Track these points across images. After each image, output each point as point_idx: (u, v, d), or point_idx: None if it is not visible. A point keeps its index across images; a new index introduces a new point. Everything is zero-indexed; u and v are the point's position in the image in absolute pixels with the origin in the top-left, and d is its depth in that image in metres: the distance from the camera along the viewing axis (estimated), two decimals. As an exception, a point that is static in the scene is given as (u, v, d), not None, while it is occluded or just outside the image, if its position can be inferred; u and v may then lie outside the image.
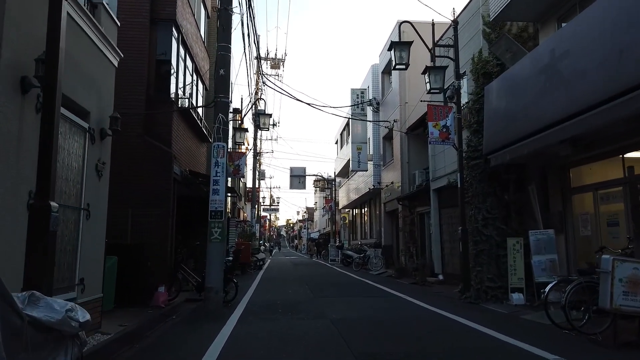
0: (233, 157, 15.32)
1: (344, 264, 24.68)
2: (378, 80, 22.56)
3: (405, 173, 17.96)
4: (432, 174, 14.02)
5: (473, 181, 10.39)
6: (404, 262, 16.95)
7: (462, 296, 9.92)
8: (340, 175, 36.12)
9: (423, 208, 16.01)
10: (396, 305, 9.21)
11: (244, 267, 19.17)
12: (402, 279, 15.52)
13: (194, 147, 12.56)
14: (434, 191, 13.98)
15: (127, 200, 9.39)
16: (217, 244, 9.05)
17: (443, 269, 13.64)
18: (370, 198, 26.51)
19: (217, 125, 9.27)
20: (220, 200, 9.20)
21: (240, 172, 15.22)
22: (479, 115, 10.48)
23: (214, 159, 9.21)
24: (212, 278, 8.90)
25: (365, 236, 28.78)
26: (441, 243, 13.76)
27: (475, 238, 10.15)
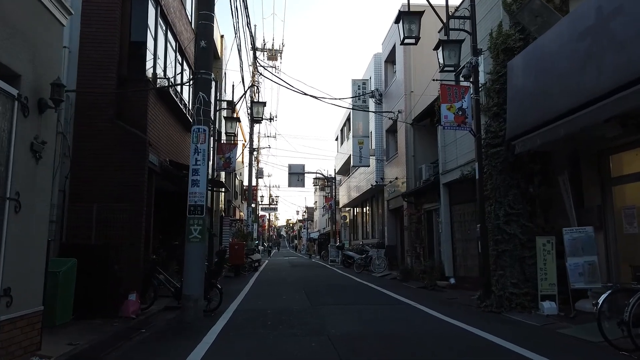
0: (223, 149, 14.02)
1: (345, 265, 23.38)
2: (381, 70, 21.25)
3: (411, 168, 16.64)
4: (442, 167, 12.70)
5: (493, 172, 9.07)
6: (410, 263, 15.64)
7: (481, 304, 8.60)
8: (340, 173, 34.80)
9: (431, 205, 14.69)
10: (406, 316, 7.89)
11: (237, 269, 17.87)
12: (409, 282, 14.20)
13: (178, 136, 11.26)
14: (445, 186, 12.66)
15: (92, 194, 8.09)
16: (197, 244, 7.73)
17: (455, 272, 12.32)
18: (372, 196, 25.20)
19: (197, 106, 7.96)
20: (200, 194, 7.89)
21: (231, 165, 13.93)
22: (499, 97, 9.17)
23: (193, 145, 7.90)
24: (191, 284, 7.59)
25: (366, 236, 27.46)
26: (452, 243, 12.45)
27: (496, 237, 8.84)
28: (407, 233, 16.60)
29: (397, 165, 18.21)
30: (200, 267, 7.80)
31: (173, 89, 10.28)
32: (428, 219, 15.11)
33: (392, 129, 19.63)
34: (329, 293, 11.45)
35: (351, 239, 32.95)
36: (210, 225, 13.46)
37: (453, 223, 12.47)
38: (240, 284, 13.96)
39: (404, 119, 17.04)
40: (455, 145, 11.96)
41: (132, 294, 7.78)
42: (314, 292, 11.69)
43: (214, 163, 13.76)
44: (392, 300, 9.93)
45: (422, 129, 16.67)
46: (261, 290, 12.46)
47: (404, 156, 17.19)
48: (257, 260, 20.23)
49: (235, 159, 13.99)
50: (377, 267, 18.75)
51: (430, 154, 16.40)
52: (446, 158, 12.60)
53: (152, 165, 9.00)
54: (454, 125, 8.95)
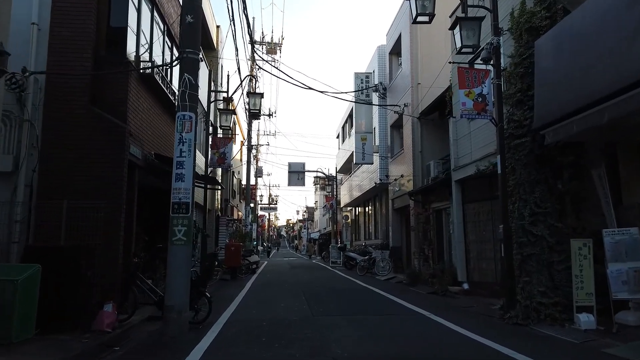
0: (218, 144, 13.04)
1: (347, 267, 22.40)
2: (385, 63, 20.27)
3: (418, 164, 15.66)
4: (455, 162, 11.72)
5: (516, 166, 8.09)
6: (417, 266, 14.66)
7: (504, 315, 7.61)
8: (342, 172, 33.82)
9: (440, 204, 13.71)
10: (422, 330, 6.91)
11: (234, 271, 16.89)
12: (417, 287, 13.21)
13: (165, 127, 10.27)
14: (457, 182, 11.67)
15: (63, 189, 7.12)
16: (181, 247, 6.75)
17: (468, 276, 11.33)
18: (375, 195, 24.22)
19: (182, 90, 6.97)
20: (185, 190, 6.92)
21: (226, 161, 12.95)
22: (523, 82, 8.19)
23: (178, 134, 6.92)
24: (174, 293, 6.61)
25: (369, 236, 26.48)
26: (465, 245, 11.46)
27: (521, 239, 7.86)
28: (413, 234, 15.62)
29: (403, 162, 17.23)
30: (185, 273, 6.82)
31: (160, 75, 9.29)
32: (437, 219, 14.12)
33: (397, 124, 18.64)
34: (331, 299, 10.47)
35: (353, 240, 31.98)
36: (204, 225, 12.47)
37: (466, 223, 11.48)
38: (236, 288, 12.98)
39: (411, 112, 16.06)
40: (469, 138, 10.97)
41: (107, 304, 6.81)
42: (315, 297, 10.72)
43: (208, 159, 12.79)
44: (402, 309, 8.94)
45: (430, 123, 15.68)
46: (257, 295, 11.48)
47: (410, 152, 16.21)
48: (255, 262, 19.25)
49: (230, 154, 13.02)
50: (381, 270, 17.76)
51: (438, 149, 15.42)
52: (459, 153, 11.61)
53: (133, 158, 8.02)
54: (473, 114, 7.95)
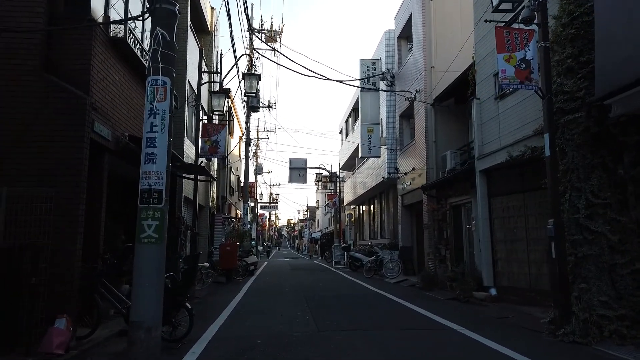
0: (209, 131, 11.58)
1: (352, 269, 20.97)
2: (393, 48, 18.79)
3: (432, 156, 14.19)
4: (479, 150, 10.24)
5: (567, 148, 6.62)
6: (433, 268, 13.19)
7: (557, 330, 6.14)
8: (345, 169, 32.35)
9: (459, 198, 12.24)
10: (458, 353, 5.45)
11: (229, 274, 15.44)
12: (433, 291, 11.75)
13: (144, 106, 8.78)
14: (482, 173, 10.20)
15: (3, 173, 5.66)
16: (152, 247, 5.27)
17: (495, 281, 9.87)
18: (381, 191, 22.76)
19: (154, 48, 5.52)
20: (158, 174, 5.44)
21: (219, 150, 11.50)
22: (574, 46, 6.72)
23: (148, 104, 5.45)
24: (141, 306, 5.13)
25: (374, 236, 25.03)
26: (492, 244, 9.99)
27: (574, 236, 6.40)
28: (427, 232, 14.15)
29: (414, 154, 15.77)
30: (157, 280, 5.34)
31: (137, 44, 7.83)
32: (455, 215, 12.66)
33: (407, 113, 17.17)
34: (339, 308, 9.01)
35: (357, 239, 30.54)
36: (194, 222, 11.03)
37: (493, 219, 10.01)
38: (230, 293, 11.53)
39: (424, 99, 14.59)
40: (497, 121, 9.50)
41: (60, 319, 5.37)
42: (319, 305, 9.27)
43: (198, 148, 11.34)
44: (425, 322, 7.47)
45: (445, 110, 14.22)
46: (254, 302, 10.03)
47: (422, 143, 14.75)
48: (253, 263, 17.80)
49: (224, 142, 11.57)
50: (390, 272, 16.31)
51: (455, 139, 13.97)
52: (484, 139, 10.14)
53: (100, 139, 6.56)
54: (515, 83, 6.49)
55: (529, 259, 8.95)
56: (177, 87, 11.63)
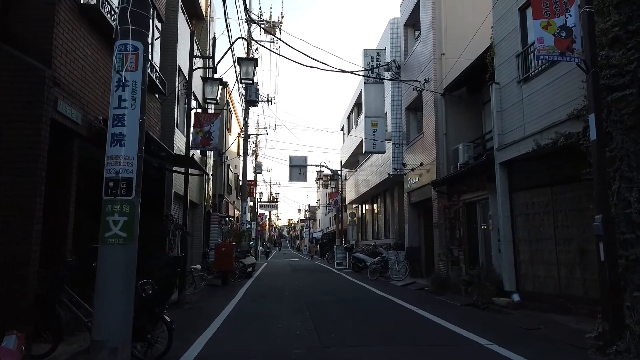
0: (201, 121, 10.60)
1: (355, 270, 20.01)
2: (399, 38, 17.79)
3: (442, 149, 13.21)
4: (499, 140, 9.24)
5: (614, 131, 5.65)
6: (444, 270, 12.20)
7: (607, 347, 5.15)
8: (346, 167, 31.36)
9: (474, 194, 11.26)
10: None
11: (225, 276, 14.47)
12: (445, 296, 10.77)
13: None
14: (503, 165, 9.20)
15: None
16: (118, 248, 4.29)
17: (518, 285, 8.87)
18: (385, 189, 21.77)
19: (123, 6, 4.53)
20: (128, 159, 4.45)
21: (212, 142, 10.51)
22: (621, 13, 5.74)
23: (116, 74, 4.47)
24: (104, 321, 4.15)
25: (378, 235, 24.04)
26: (514, 244, 8.99)
27: (624, 236, 5.44)
28: (437, 231, 13.16)
29: (422, 148, 14.78)
30: (126, 288, 4.35)
31: (112, 13, 6.84)
32: (469, 213, 11.68)
33: (414, 105, 16.18)
34: (344, 316, 8.03)
35: (359, 239, 29.55)
36: (184, 221, 10.06)
37: (515, 217, 9.02)
38: (225, 298, 10.56)
39: (433, 88, 13.60)
40: (521, 107, 8.50)
41: (9, 336, 4.41)
42: (322, 313, 8.29)
43: (189, 139, 10.36)
44: (445, 335, 6.48)
45: (456, 100, 13.23)
46: (250, 309, 9.06)
47: (432, 136, 13.76)
48: (251, 264, 16.81)
49: (217, 133, 10.57)
50: (397, 274, 15.34)
51: (467, 131, 12.99)
52: (504, 127, 9.14)
53: (67, 122, 5.59)
54: (555, 54, 5.50)
55: (557, 261, 7.97)
56: (167, 74, 10.66)
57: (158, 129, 9.69)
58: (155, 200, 9.55)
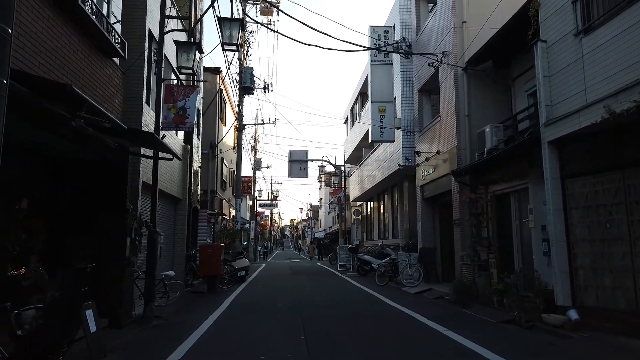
0: (175, 95, 8.66)
1: (359, 273, 18.11)
2: (410, 12, 15.81)
3: (464, 133, 11.24)
4: (547, 113, 7.25)
5: None
6: (469, 276, 10.22)
7: None
8: (350, 162, 29.41)
9: (508, 184, 9.28)
10: None
11: (212, 281, 12.58)
12: (473, 309, 8.82)
13: (63, 38, 5.86)
14: (552, 145, 7.20)
15: None
16: None
17: (575, 299, 6.89)
18: (393, 184, 19.81)
19: None
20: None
21: (187, 120, 8.57)
22: None
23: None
24: None
25: (384, 235, 22.09)
26: (568, 246, 7.01)
27: None
28: (458, 230, 11.20)
29: (439, 134, 12.81)
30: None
31: None
32: (500, 207, 9.71)
33: (428, 87, 14.21)
34: (350, 340, 6.08)
35: (364, 239, 27.60)
36: (153, 217, 8.14)
37: (569, 210, 7.04)
38: (205, 310, 8.66)
39: (453, 62, 11.62)
40: (581, 65, 6.52)
41: None
42: (322, 335, 6.38)
43: (160, 117, 8.43)
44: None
45: (481, 76, 11.27)
46: (231, 326, 7.16)
47: (451, 119, 11.79)
48: (244, 267, 14.89)
49: (195, 110, 8.63)
50: (409, 279, 13.39)
51: (493, 111, 11.06)
52: (555, 96, 7.16)
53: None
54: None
55: (633, 267, 6.00)
56: (134, 36, 8.75)
57: (117, 103, 7.75)
58: (113, 192, 7.65)
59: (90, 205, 7.47)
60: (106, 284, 7.29)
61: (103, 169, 7.55)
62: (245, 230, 37.79)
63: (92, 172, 7.49)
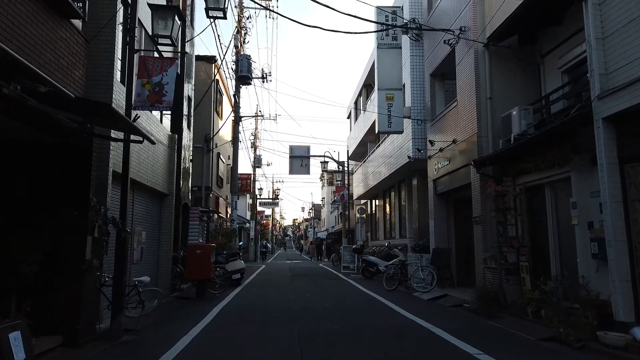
0: (150, 68, 7.33)
1: (365, 276, 16.82)
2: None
3: (486, 118, 9.89)
4: (600, 84, 5.88)
5: None
6: (494, 282, 8.85)
7: None
8: (354, 159, 28.06)
9: (542, 174, 7.91)
10: None
11: (201, 286, 11.28)
12: (503, 320, 7.47)
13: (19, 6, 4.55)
14: (608, 123, 5.84)
15: None
16: None
17: (639, 313, 5.52)
18: (400, 180, 18.47)
19: None
20: None
21: (165, 99, 7.24)
22: None
23: None
24: None
25: (390, 235, 20.73)
26: (630, 248, 5.64)
27: None
28: (479, 228, 9.83)
29: (455, 121, 11.45)
30: None
31: None
32: (533, 202, 8.34)
33: (442, 70, 12.87)
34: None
35: (368, 239, 26.27)
36: (123, 213, 6.83)
37: (630, 203, 5.67)
38: (187, 323, 7.33)
39: (473, 38, 10.26)
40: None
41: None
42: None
43: (133, 93, 7.11)
44: None
45: (505, 54, 9.92)
46: (212, 349, 5.82)
47: (470, 102, 10.42)
48: (238, 270, 13.56)
49: (173, 86, 7.31)
50: (420, 282, 12.05)
51: (519, 93, 9.71)
52: (611, 63, 5.79)
53: None
54: None
55: None
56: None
57: (78, 76, 6.43)
58: (75, 183, 6.34)
59: (47, 198, 6.17)
60: (61, 293, 5.99)
61: (65, 156, 6.26)
62: (245, 230, 36.51)
63: (51, 159, 6.19)
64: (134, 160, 9.00)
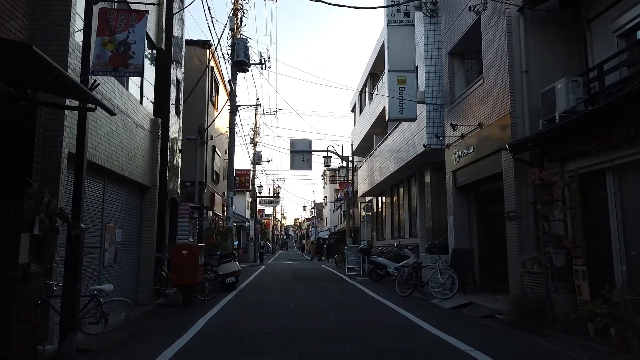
0: (112, 24, 5.83)
1: (372, 278, 15.35)
2: (435, -40, 12.93)
3: (521, 95, 8.38)
4: None
5: None
6: (536, 290, 7.31)
7: None
8: (358, 154, 26.55)
9: (602, 159, 6.38)
10: None
11: (188, 292, 9.79)
12: (553, 338, 5.96)
13: None
14: None
15: None
16: None
17: None
18: (410, 174, 16.98)
19: None
20: None
21: (132, 62, 5.77)
22: None
23: None
24: None
25: (399, 234, 19.24)
26: None
27: None
28: (513, 225, 8.30)
29: (481, 101, 9.94)
30: None
31: None
32: (587, 193, 6.81)
33: (462, 47, 11.35)
34: None
35: (373, 239, 24.78)
36: (77, 206, 5.33)
37: None
38: (160, 343, 5.80)
39: (502, 7, 8.73)
40: None
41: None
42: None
43: (91, 54, 5.62)
44: None
45: (544, 20, 8.40)
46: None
47: (501, 78, 8.90)
48: (232, 273, 12.07)
49: (143, 46, 5.85)
50: (438, 287, 10.57)
51: (560, 66, 8.20)
52: None
53: None
54: None
55: None
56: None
57: (18, 26, 4.95)
58: (11, 167, 4.87)
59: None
60: None
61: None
62: (245, 229, 35.01)
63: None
64: (102, 144, 7.52)
